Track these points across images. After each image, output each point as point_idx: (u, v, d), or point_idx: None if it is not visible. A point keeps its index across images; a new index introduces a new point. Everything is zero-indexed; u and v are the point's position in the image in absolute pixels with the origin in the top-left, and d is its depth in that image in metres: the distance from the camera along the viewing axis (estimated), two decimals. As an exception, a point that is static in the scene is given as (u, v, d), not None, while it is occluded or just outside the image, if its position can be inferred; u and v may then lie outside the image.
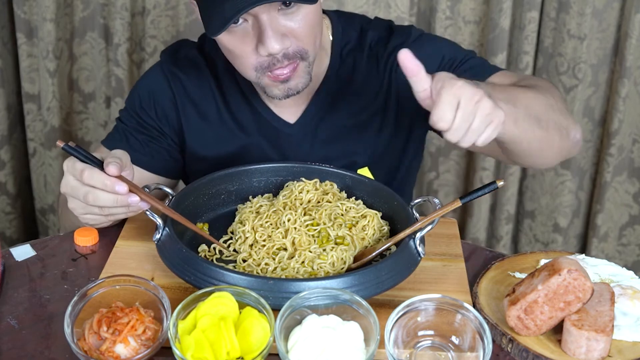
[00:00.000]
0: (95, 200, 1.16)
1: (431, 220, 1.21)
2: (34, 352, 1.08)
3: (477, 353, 1.05)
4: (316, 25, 1.32)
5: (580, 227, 2.46)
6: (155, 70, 1.52)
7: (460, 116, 1.07)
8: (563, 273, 1.08)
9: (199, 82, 1.49)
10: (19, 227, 2.49)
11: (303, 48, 1.30)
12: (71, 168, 1.17)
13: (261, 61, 1.29)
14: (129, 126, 1.50)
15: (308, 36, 1.30)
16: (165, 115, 1.49)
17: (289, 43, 1.27)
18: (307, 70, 1.33)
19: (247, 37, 1.27)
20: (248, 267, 1.22)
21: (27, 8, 2.24)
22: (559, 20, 2.21)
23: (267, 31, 1.24)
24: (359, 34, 1.49)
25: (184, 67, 1.50)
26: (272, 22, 1.25)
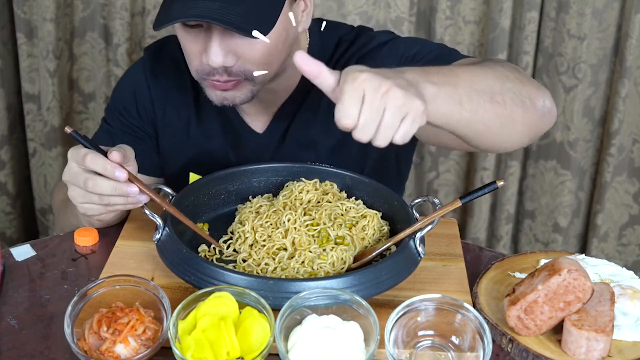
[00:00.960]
0: (95, 186, 1.15)
1: (431, 220, 1.21)
2: (34, 352, 1.08)
3: (477, 353, 1.05)
4: (275, 51, 1.28)
5: (580, 227, 2.46)
6: (137, 68, 1.51)
7: (367, 111, 0.97)
8: (563, 273, 1.08)
9: (178, 83, 1.48)
10: (19, 227, 2.49)
11: (249, 70, 1.27)
12: (75, 155, 1.17)
13: (203, 68, 1.28)
14: (113, 127, 1.50)
15: (260, 61, 1.27)
16: (147, 114, 1.49)
17: (233, 62, 1.25)
18: (251, 89, 1.30)
19: (198, 41, 1.26)
20: (248, 267, 1.22)
21: (27, 8, 2.24)
22: (559, 20, 2.21)
23: (212, 44, 1.23)
24: (335, 45, 1.44)
25: (165, 66, 1.48)
26: (223, 37, 1.23)
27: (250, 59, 1.26)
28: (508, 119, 1.17)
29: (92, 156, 1.14)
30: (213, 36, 1.23)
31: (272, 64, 1.30)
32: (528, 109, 1.20)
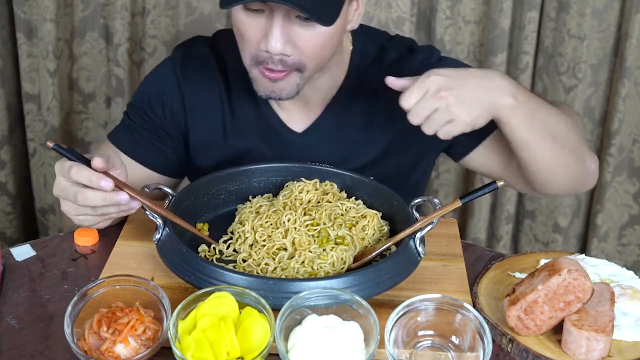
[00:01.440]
0: (85, 200, 1.15)
1: (431, 220, 1.21)
2: (34, 352, 1.08)
3: (477, 353, 1.05)
4: (328, 46, 1.30)
5: (580, 227, 2.46)
6: (166, 67, 1.50)
7: (422, 104, 1.21)
8: (563, 273, 1.08)
9: (209, 82, 1.48)
10: (19, 227, 2.49)
11: (303, 62, 1.29)
12: (61, 168, 1.17)
13: (259, 54, 1.28)
14: (135, 123, 1.48)
15: (314, 54, 1.28)
16: (173, 115, 1.48)
17: (291, 51, 1.26)
18: (298, 82, 1.31)
19: (258, 26, 1.26)
20: (248, 267, 1.22)
21: (27, 8, 2.23)
22: (559, 20, 2.21)
23: (275, 30, 1.23)
24: (378, 50, 1.47)
25: (196, 66, 1.48)
26: (285, 24, 1.24)
27: (307, 50, 1.27)
28: (560, 163, 1.34)
29: (77, 168, 1.14)
30: (275, 22, 1.23)
31: (324, 57, 1.32)
32: (579, 164, 1.37)
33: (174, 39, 2.30)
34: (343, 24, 1.31)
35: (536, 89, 2.31)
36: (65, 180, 1.17)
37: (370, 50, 1.47)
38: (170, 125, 1.49)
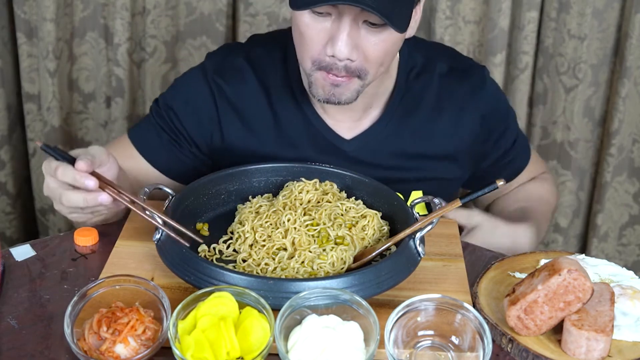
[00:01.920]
0: (68, 201, 1.17)
1: (431, 220, 1.21)
2: (34, 352, 1.08)
3: (477, 353, 1.05)
4: (390, 53, 1.31)
5: (580, 227, 2.46)
6: (198, 77, 1.47)
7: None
8: (563, 273, 1.08)
9: (245, 92, 1.46)
10: (19, 227, 2.49)
11: (366, 69, 1.28)
12: (48, 168, 1.18)
13: (322, 58, 1.27)
14: (158, 123, 1.47)
15: (377, 60, 1.28)
16: (201, 127, 1.46)
17: (356, 57, 1.26)
18: (358, 89, 1.31)
19: (323, 31, 1.25)
20: (248, 267, 1.22)
21: (27, 8, 2.23)
22: (559, 20, 2.21)
23: (342, 34, 1.23)
24: (425, 60, 1.47)
25: (229, 77, 1.46)
26: (353, 29, 1.23)
27: (371, 56, 1.27)
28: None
29: (62, 169, 1.15)
30: (342, 26, 1.23)
31: (385, 64, 1.32)
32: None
33: (174, 39, 2.30)
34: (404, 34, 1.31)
35: (536, 89, 2.31)
36: (52, 180, 1.18)
37: (417, 59, 1.47)
38: (196, 135, 1.47)
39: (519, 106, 2.28)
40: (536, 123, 2.35)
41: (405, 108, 1.46)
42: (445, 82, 1.47)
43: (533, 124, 2.36)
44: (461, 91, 1.47)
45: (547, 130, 2.34)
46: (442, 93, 1.47)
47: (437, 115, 1.47)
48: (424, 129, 1.47)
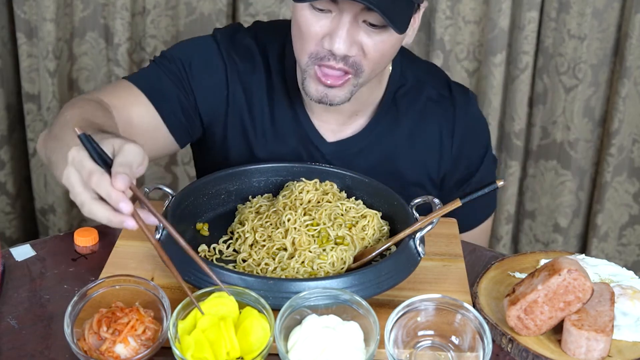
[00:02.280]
0: (90, 213, 1.02)
1: (431, 220, 1.21)
2: (34, 352, 1.08)
3: (477, 353, 1.05)
4: (388, 55, 1.31)
5: (580, 227, 2.46)
6: (212, 45, 1.45)
7: None
8: (563, 273, 1.08)
9: (252, 73, 1.45)
10: (19, 227, 2.49)
11: (363, 65, 1.28)
12: (78, 164, 1.00)
13: (319, 51, 1.27)
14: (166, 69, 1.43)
15: (375, 60, 1.28)
16: (209, 92, 1.44)
17: (354, 53, 1.26)
18: (352, 88, 1.31)
19: (322, 25, 1.25)
20: (248, 267, 1.22)
21: (27, 8, 2.23)
22: (559, 20, 2.21)
23: (341, 30, 1.23)
24: (416, 80, 1.48)
25: (240, 53, 1.45)
26: (352, 26, 1.24)
27: (369, 54, 1.27)
28: None
29: (97, 179, 0.98)
30: (342, 24, 1.23)
31: (382, 66, 1.32)
32: None
33: (174, 39, 2.30)
34: (403, 37, 1.31)
35: (536, 88, 2.31)
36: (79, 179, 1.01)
37: (408, 77, 1.48)
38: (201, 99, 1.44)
39: (519, 106, 2.28)
40: (536, 123, 2.35)
41: (388, 123, 1.47)
42: (430, 106, 1.48)
43: (533, 124, 2.36)
44: (443, 117, 1.48)
45: (547, 130, 2.35)
46: (425, 116, 1.48)
47: (416, 138, 1.48)
48: (402, 148, 1.48)
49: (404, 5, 1.24)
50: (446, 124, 1.49)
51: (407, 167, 1.49)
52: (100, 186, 0.99)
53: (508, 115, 2.32)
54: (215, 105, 1.47)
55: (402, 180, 1.49)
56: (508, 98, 2.30)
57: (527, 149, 2.39)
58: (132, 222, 1.01)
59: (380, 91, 1.46)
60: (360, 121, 1.47)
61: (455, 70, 2.30)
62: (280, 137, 1.47)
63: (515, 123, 2.30)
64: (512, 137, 2.32)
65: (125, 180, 0.98)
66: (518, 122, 2.30)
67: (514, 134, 2.32)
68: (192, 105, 1.45)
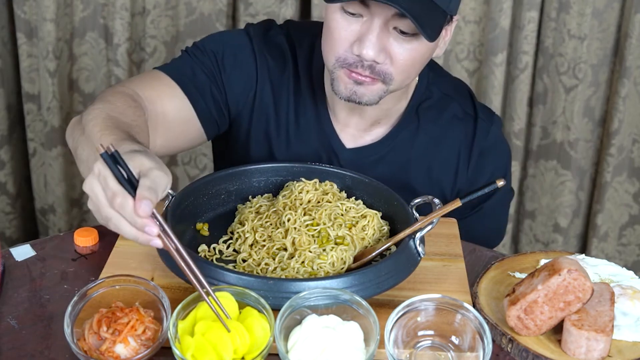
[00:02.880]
0: (117, 228, 1.00)
1: (431, 220, 1.21)
2: (34, 352, 1.08)
3: (477, 353, 1.05)
4: (418, 64, 1.30)
5: (580, 227, 2.46)
6: (244, 39, 1.45)
7: None
8: (563, 273, 1.08)
9: (282, 71, 1.45)
10: (19, 227, 2.49)
11: (392, 74, 1.27)
12: (103, 179, 0.98)
13: (347, 56, 1.26)
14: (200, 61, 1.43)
15: (404, 68, 1.27)
16: (239, 86, 1.44)
17: (383, 59, 1.25)
18: (381, 94, 1.30)
19: (352, 30, 1.25)
20: (248, 267, 1.22)
21: (27, 8, 2.23)
22: (559, 20, 2.21)
23: (371, 35, 1.22)
24: (441, 95, 1.47)
25: (271, 50, 1.45)
26: (382, 32, 1.23)
27: (398, 62, 1.26)
28: None
29: (121, 201, 0.97)
30: (372, 29, 1.22)
31: (411, 75, 1.31)
32: None
33: (174, 39, 2.30)
34: (434, 47, 1.31)
35: (536, 89, 2.31)
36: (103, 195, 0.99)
37: (434, 92, 1.47)
38: (230, 93, 1.45)
39: (519, 106, 2.28)
40: (536, 123, 2.35)
41: (407, 136, 1.46)
42: (452, 124, 1.47)
43: (533, 124, 2.36)
44: (464, 136, 1.47)
45: (547, 130, 2.35)
46: (446, 134, 1.47)
47: (433, 155, 1.47)
48: (417, 163, 1.47)
49: (435, 14, 1.23)
50: (465, 143, 1.47)
51: (420, 182, 1.48)
52: (124, 210, 0.97)
53: (508, 115, 2.32)
54: (244, 100, 1.47)
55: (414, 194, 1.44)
56: (508, 98, 2.30)
57: (527, 149, 2.39)
58: (158, 241, 1.00)
59: (405, 102, 1.45)
60: (381, 130, 1.46)
61: (455, 70, 2.30)
62: (302, 138, 1.47)
63: (515, 123, 2.30)
64: (512, 137, 2.32)
65: (148, 207, 0.96)
66: (518, 122, 2.30)
67: (514, 133, 2.32)
68: (222, 99, 1.45)
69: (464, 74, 2.30)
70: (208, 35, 1.49)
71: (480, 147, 1.48)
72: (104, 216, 1.00)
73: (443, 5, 1.24)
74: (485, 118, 1.49)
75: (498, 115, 1.52)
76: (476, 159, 1.48)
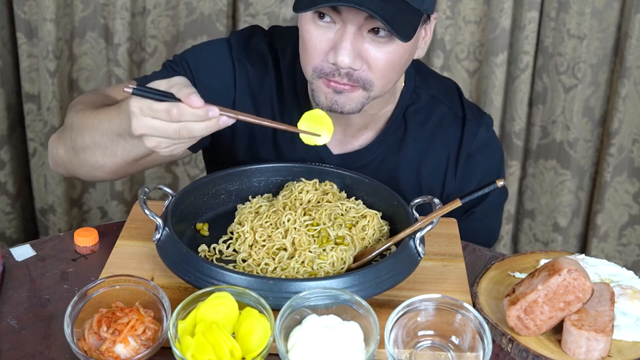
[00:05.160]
0: (190, 132, 1.10)
1: (431, 220, 1.21)
2: (34, 352, 1.08)
3: (477, 353, 1.05)
4: (397, 67, 1.28)
5: (580, 227, 2.46)
6: (223, 49, 1.45)
7: None
8: (563, 273, 1.08)
9: (262, 78, 1.45)
10: (19, 227, 2.49)
11: (371, 80, 1.26)
12: (148, 110, 1.09)
13: (324, 66, 1.25)
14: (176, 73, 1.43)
15: (382, 72, 1.26)
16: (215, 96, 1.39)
17: (359, 66, 1.24)
18: (362, 101, 1.28)
19: (326, 38, 1.24)
20: (248, 267, 1.22)
21: (27, 8, 2.24)
22: (558, 20, 2.21)
23: (345, 42, 1.21)
24: (429, 98, 1.45)
25: (252, 58, 1.45)
26: (357, 38, 1.22)
27: (376, 67, 1.25)
28: None
29: (178, 110, 1.07)
30: (345, 35, 1.21)
31: (392, 79, 1.30)
32: None
33: (174, 39, 2.30)
34: (413, 49, 1.29)
35: (535, 88, 2.31)
36: (157, 120, 1.09)
37: (421, 96, 1.45)
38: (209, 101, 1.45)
39: (519, 106, 2.29)
40: (535, 122, 2.35)
41: (395, 141, 1.45)
42: (440, 127, 1.46)
43: (532, 124, 2.36)
44: (452, 139, 1.46)
45: (547, 129, 2.35)
46: (434, 139, 1.46)
47: (421, 160, 1.46)
48: (405, 168, 1.47)
49: (409, 14, 1.22)
50: (454, 146, 1.46)
51: (409, 187, 1.46)
52: (185, 114, 1.08)
53: (509, 115, 2.32)
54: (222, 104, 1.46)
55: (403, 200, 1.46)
56: (508, 98, 2.30)
57: (527, 148, 2.39)
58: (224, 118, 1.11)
59: (392, 106, 1.44)
60: (368, 135, 1.46)
61: (455, 70, 2.30)
62: (288, 145, 1.47)
63: (516, 123, 2.30)
64: (513, 137, 2.32)
65: (198, 96, 1.08)
66: (518, 121, 2.30)
67: (514, 133, 2.32)
68: None
69: (463, 74, 2.30)
70: (190, 47, 1.50)
71: (468, 150, 1.46)
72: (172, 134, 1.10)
73: (416, 4, 1.22)
74: (473, 119, 1.47)
75: (489, 115, 1.50)
76: (464, 162, 1.47)
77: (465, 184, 1.48)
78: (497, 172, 1.51)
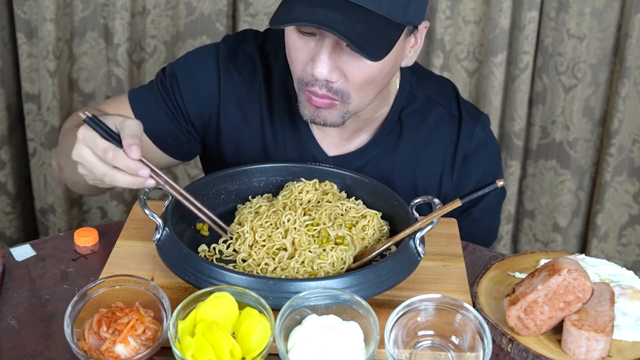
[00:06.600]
0: (113, 181, 1.15)
1: (431, 220, 1.21)
2: (34, 352, 1.08)
3: (477, 353, 1.05)
4: (377, 80, 1.27)
5: (580, 227, 2.46)
6: (210, 55, 1.46)
7: None
8: (563, 273, 1.08)
9: (250, 83, 1.45)
10: (19, 227, 2.49)
11: (348, 92, 1.26)
12: (91, 142, 1.14)
13: (304, 76, 1.26)
14: (160, 90, 1.46)
15: (360, 86, 1.26)
16: (200, 105, 1.45)
17: (337, 78, 1.24)
18: (342, 114, 1.29)
19: (306, 49, 1.25)
20: (248, 267, 1.22)
21: (27, 8, 2.23)
22: (558, 20, 2.21)
23: (322, 55, 1.22)
24: (425, 100, 1.45)
25: (240, 63, 1.45)
26: (334, 51, 1.22)
27: (353, 80, 1.25)
28: None
29: (114, 154, 1.12)
30: (323, 48, 1.22)
31: (371, 91, 1.29)
32: None
33: (174, 39, 2.30)
34: (396, 59, 1.29)
35: (536, 88, 2.31)
36: (93, 156, 1.14)
37: (417, 97, 1.45)
38: (193, 112, 1.46)
39: (519, 106, 2.29)
40: (535, 123, 2.35)
41: (390, 143, 1.45)
42: (436, 129, 1.45)
43: (532, 124, 2.36)
44: (448, 140, 1.45)
45: (547, 129, 2.35)
46: (429, 141, 1.46)
47: (416, 162, 1.46)
48: (403, 170, 1.46)
49: (386, 30, 1.20)
50: (450, 148, 1.46)
51: (405, 189, 1.46)
52: (118, 160, 1.13)
53: (508, 115, 2.32)
54: (207, 118, 1.47)
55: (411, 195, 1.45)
56: (508, 98, 2.30)
57: (527, 148, 2.39)
58: (152, 181, 1.16)
59: (387, 108, 1.44)
60: (364, 137, 1.46)
61: (455, 70, 2.30)
62: (280, 149, 1.47)
63: (516, 123, 2.30)
64: (513, 137, 2.32)
65: (138, 150, 1.13)
66: (518, 121, 2.30)
67: (514, 133, 2.32)
68: (184, 123, 1.47)
69: (463, 74, 2.30)
70: (183, 55, 1.50)
71: (464, 151, 1.46)
72: (98, 175, 1.16)
73: (396, 18, 1.21)
74: (470, 120, 1.46)
75: (486, 115, 1.50)
76: (460, 164, 1.46)
77: (463, 185, 1.47)
78: (495, 172, 1.51)
